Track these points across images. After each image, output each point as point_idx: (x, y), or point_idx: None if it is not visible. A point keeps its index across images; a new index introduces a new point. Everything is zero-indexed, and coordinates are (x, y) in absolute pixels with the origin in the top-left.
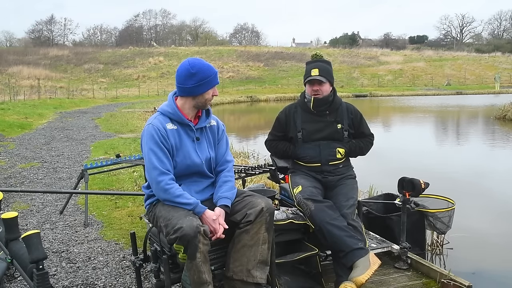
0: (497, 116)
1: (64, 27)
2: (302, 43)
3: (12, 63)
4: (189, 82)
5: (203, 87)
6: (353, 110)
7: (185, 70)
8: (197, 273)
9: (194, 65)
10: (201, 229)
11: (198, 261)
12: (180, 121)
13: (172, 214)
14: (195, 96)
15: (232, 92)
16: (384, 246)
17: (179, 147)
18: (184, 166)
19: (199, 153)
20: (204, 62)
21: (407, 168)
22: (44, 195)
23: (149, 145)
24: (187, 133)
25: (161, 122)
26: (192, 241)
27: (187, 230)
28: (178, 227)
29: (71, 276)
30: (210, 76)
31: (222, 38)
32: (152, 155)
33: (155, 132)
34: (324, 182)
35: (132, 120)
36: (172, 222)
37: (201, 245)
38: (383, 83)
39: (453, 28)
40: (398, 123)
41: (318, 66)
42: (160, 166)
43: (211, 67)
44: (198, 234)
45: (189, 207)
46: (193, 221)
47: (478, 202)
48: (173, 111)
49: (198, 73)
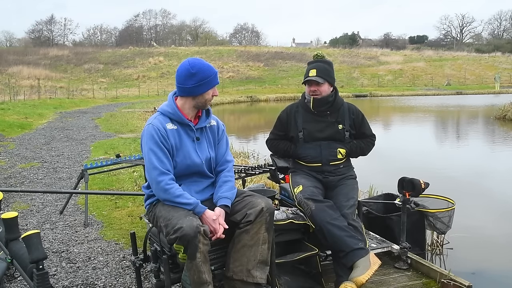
0: (497, 116)
1: (64, 27)
2: (302, 43)
3: (12, 63)
4: (189, 82)
5: (203, 87)
6: (354, 110)
7: (185, 70)
8: (197, 273)
9: (194, 65)
10: (201, 229)
11: (198, 261)
12: (180, 121)
13: (172, 214)
14: (195, 96)
15: (232, 92)
16: (384, 246)
17: (179, 147)
18: (184, 166)
19: (199, 153)
20: (204, 62)
21: (407, 168)
22: (44, 195)
23: (149, 145)
24: (187, 133)
25: (161, 122)
26: (192, 241)
27: (187, 230)
28: (178, 227)
29: (71, 276)
30: (210, 76)
31: (222, 38)
32: (152, 155)
33: (155, 132)
34: (325, 182)
35: (132, 120)
36: (172, 222)
37: (201, 245)
38: (383, 83)
39: (453, 28)
40: (398, 123)
41: (316, 67)
42: (160, 166)
43: (211, 67)
44: (198, 234)
45: (189, 207)
46: (193, 221)
47: (478, 202)
48: (173, 111)
49: (198, 73)
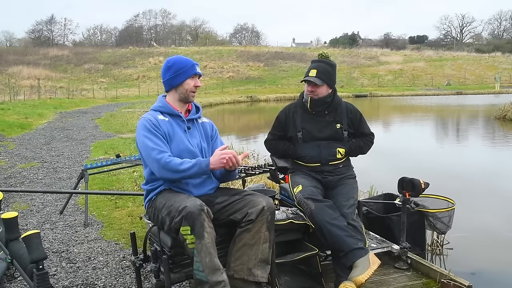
0: (497, 116)
1: (64, 27)
2: (302, 43)
3: (12, 63)
4: (167, 75)
5: (180, 77)
6: (352, 109)
7: (164, 66)
8: (208, 255)
9: (171, 59)
10: (204, 207)
11: (207, 241)
12: (170, 113)
13: (173, 200)
14: (176, 88)
15: (232, 92)
16: (384, 246)
17: (172, 136)
18: (178, 152)
19: (191, 141)
20: (181, 56)
21: (407, 168)
22: (44, 195)
23: (142, 133)
24: (178, 124)
25: (152, 115)
26: (197, 219)
27: (191, 208)
28: (182, 207)
29: (71, 276)
30: (185, 66)
31: (222, 38)
32: (147, 140)
33: (147, 122)
34: (324, 182)
35: (132, 120)
36: (175, 206)
37: (206, 224)
38: (383, 83)
39: (453, 28)
40: (398, 123)
41: (317, 67)
42: (157, 147)
43: (188, 59)
44: (202, 212)
45: (196, 167)
46: (196, 201)
47: (479, 202)
48: (163, 105)
49: (173, 65)
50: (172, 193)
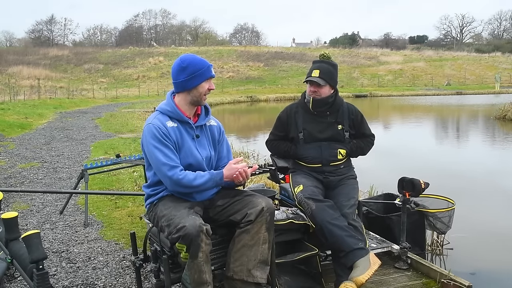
0: (497, 116)
1: (64, 27)
2: (302, 43)
3: (12, 63)
4: (181, 76)
5: (195, 80)
6: (354, 110)
7: (177, 65)
8: (198, 272)
9: (185, 59)
10: (203, 228)
11: (200, 260)
12: (179, 119)
13: (174, 213)
14: (190, 90)
15: (232, 92)
16: (384, 246)
17: (181, 145)
18: (186, 164)
19: (200, 150)
20: (196, 56)
21: (407, 168)
22: (44, 195)
23: (152, 143)
24: (187, 131)
25: (161, 120)
26: (194, 240)
27: (190, 229)
28: (181, 226)
29: (71, 276)
30: (202, 68)
31: (222, 38)
32: (158, 152)
33: (156, 130)
34: (325, 183)
35: (132, 120)
36: (175, 221)
37: (203, 244)
38: (383, 83)
39: (453, 28)
40: (398, 123)
41: (320, 68)
42: (168, 161)
43: (203, 60)
44: (200, 233)
45: (211, 182)
46: (195, 220)
47: (479, 202)
48: (172, 109)
49: (189, 66)
50: (174, 201)
